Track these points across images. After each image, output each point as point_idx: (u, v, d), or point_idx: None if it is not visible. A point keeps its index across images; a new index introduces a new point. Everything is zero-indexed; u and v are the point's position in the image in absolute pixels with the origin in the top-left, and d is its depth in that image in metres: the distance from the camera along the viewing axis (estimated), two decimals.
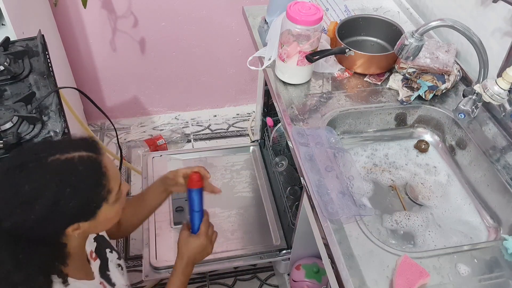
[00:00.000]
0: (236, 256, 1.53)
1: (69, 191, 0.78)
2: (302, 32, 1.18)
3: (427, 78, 1.24)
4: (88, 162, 0.82)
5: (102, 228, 0.97)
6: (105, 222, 0.90)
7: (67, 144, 0.84)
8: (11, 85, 1.30)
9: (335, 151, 1.10)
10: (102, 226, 0.94)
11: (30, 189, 0.76)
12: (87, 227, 0.86)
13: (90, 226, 0.86)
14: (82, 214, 0.83)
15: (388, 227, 1.09)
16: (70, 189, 0.78)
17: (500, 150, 1.13)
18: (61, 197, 0.77)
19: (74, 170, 0.80)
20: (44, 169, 0.78)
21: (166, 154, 1.87)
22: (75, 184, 0.79)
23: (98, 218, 0.85)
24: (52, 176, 0.78)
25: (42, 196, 0.76)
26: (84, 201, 0.81)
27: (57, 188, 0.77)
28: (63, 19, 1.99)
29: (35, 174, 0.78)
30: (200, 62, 2.29)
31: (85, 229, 0.85)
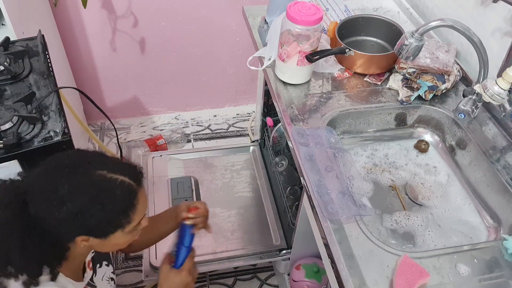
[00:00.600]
0: (236, 256, 1.53)
1: (96, 208, 0.82)
2: (302, 32, 1.18)
3: (427, 78, 1.24)
4: (126, 189, 0.85)
5: (107, 250, 0.99)
6: (113, 246, 0.92)
7: (118, 165, 0.88)
8: (11, 85, 1.30)
9: (335, 151, 1.10)
10: (108, 248, 0.96)
11: (67, 191, 0.81)
12: (95, 244, 0.88)
13: (98, 244, 0.89)
14: (96, 231, 0.85)
15: (388, 226, 1.09)
16: (98, 206, 0.82)
17: (500, 150, 1.13)
18: (87, 210, 0.81)
19: (111, 191, 0.83)
20: (88, 178, 0.83)
21: (166, 154, 1.87)
22: (106, 204, 0.82)
23: (108, 240, 0.88)
24: (89, 189, 0.82)
25: (72, 201, 0.81)
26: (105, 222, 0.84)
27: (88, 200, 0.81)
28: (63, 19, 1.99)
29: (78, 179, 0.82)
30: (200, 62, 2.29)
31: (92, 244, 0.88)
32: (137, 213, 0.88)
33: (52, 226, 0.82)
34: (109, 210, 0.83)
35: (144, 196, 0.91)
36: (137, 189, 0.88)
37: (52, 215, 0.81)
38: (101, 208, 0.82)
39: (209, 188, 1.76)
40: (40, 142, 1.14)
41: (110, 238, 0.88)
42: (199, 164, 1.85)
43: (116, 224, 0.86)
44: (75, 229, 0.83)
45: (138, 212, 0.88)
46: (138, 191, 0.88)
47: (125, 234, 0.89)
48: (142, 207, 0.89)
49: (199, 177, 1.79)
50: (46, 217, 0.82)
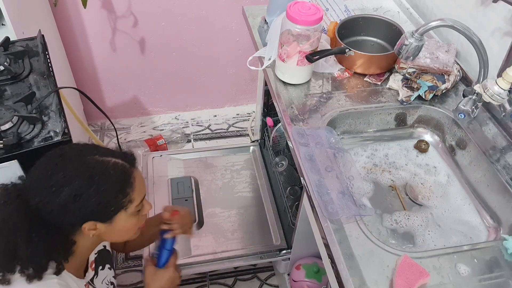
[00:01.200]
0: (236, 256, 1.53)
1: (93, 188, 0.84)
2: (302, 32, 1.18)
3: (427, 78, 1.24)
4: (119, 169, 0.88)
5: (117, 238, 0.99)
6: (120, 231, 0.94)
7: (110, 151, 0.92)
8: (11, 85, 1.30)
9: (335, 151, 1.10)
10: (117, 235, 0.96)
11: (62, 177, 0.84)
12: (103, 231, 0.90)
13: (106, 230, 0.90)
14: (99, 214, 0.87)
15: (388, 226, 1.09)
16: (95, 186, 0.84)
17: (500, 150, 1.13)
18: (85, 191, 0.84)
19: (105, 171, 0.86)
20: (80, 163, 0.86)
21: (166, 154, 1.87)
22: (101, 184, 0.85)
23: (114, 224, 0.90)
24: (84, 171, 0.85)
25: (69, 185, 0.83)
26: (105, 201, 0.86)
27: (84, 182, 0.84)
28: (63, 19, 1.99)
29: (71, 165, 0.85)
30: (200, 62, 2.29)
31: (100, 232, 0.90)
32: (136, 191, 0.90)
33: (55, 215, 0.84)
34: (106, 190, 0.85)
35: (140, 177, 0.93)
36: (131, 169, 0.91)
37: (53, 203, 0.83)
38: (97, 188, 0.84)
39: (209, 188, 1.76)
40: (40, 142, 1.14)
41: (116, 222, 0.89)
42: (199, 164, 1.85)
43: (117, 204, 0.88)
44: (78, 214, 0.85)
45: (137, 190, 0.90)
46: (132, 170, 0.90)
47: (129, 216, 0.91)
48: (140, 186, 0.91)
49: (199, 177, 1.79)
50: (47, 207, 0.84)
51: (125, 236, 1.00)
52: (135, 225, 0.95)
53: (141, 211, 0.95)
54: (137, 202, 0.91)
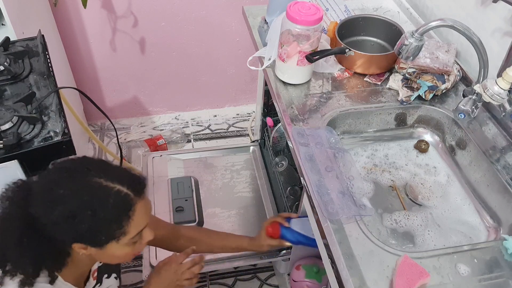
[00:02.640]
0: (236, 256, 1.52)
1: (88, 214, 0.81)
2: (302, 32, 1.18)
3: (427, 78, 1.24)
4: (120, 199, 0.84)
5: (108, 261, 0.98)
6: (111, 257, 0.91)
7: (118, 174, 0.87)
8: (11, 85, 1.30)
9: (335, 151, 1.10)
10: (108, 259, 0.95)
11: (61, 194, 0.81)
12: (94, 253, 0.88)
13: (97, 254, 0.88)
14: (90, 239, 0.85)
15: (388, 226, 1.09)
16: (90, 212, 0.81)
17: (500, 150, 1.13)
18: (78, 214, 0.81)
19: (104, 199, 0.82)
20: (83, 184, 0.83)
21: (166, 154, 1.87)
22: (96, 211, 0.81)
23: (105, 250, 0.87)
24: (84, 193, 0.82)
25: (65, 204, 0.81)
26: (96, 229, 0.83)
27: (80, 205, 0.81)
28: (63, 19, 1.99)
29: (74, 184, 0.83)
30: (200, 62, 2.29)
31: (91, 253, 0.88)
32: (132, 225, 0.86)
33: (47, 227, 0.83)
34: (100, 218, 0.82)
35: (144, 208, 0.88)
36: (135, 200, 0.86)
37: (46, 216, 0.82)
38: (92, 214, 0.81)
39: (209, 188, 1.76)
40: (40, 142, 1.14)
41: (107, 249, 0.86)
42: (199, 164, 1.85)
43: (108, 234, 0.84)
44: (68, 233, 0.83)
45: (134, 224, 0.86)
46: (135, 202, 0.86)
47: (121, 246, 0.87)
48: (139, 219, 0.87)
49: (199, 177, 1.79)
50: (42, 219, 0.82)
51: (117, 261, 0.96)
52: (127, 254, 0.91)
53: (138, 242, 0.91)
54: (131, 235, 0.87)
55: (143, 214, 0.88)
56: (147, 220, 0.91)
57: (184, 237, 1.25)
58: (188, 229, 1.32)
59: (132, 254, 0.93)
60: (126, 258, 0.94)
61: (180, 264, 1.11)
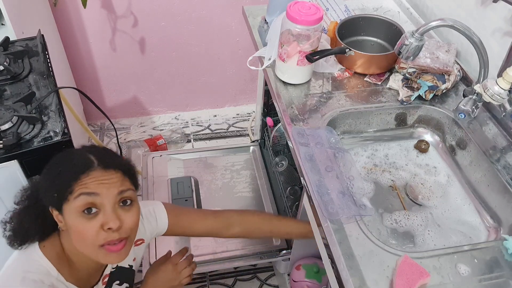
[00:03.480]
0: (236, 256, 1.53)
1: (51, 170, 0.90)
2: (302, 32, 1.18)
3: (427, 78, 1.23)
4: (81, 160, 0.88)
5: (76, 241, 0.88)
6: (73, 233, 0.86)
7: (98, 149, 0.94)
8: (11, 85, 1.30)
9: (335, 151, 1.10)
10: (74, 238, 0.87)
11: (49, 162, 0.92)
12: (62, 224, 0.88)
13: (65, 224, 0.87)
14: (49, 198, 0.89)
15: (388, 225, 1.09)
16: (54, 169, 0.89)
17: (500, 150, 1.13)
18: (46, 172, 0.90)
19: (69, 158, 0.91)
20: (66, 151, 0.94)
21: (166, 154, 1.87)
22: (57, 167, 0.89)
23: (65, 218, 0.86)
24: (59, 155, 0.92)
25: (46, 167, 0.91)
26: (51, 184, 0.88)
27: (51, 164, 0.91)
28: (63, 19, 1.99)
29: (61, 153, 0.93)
30: (200, 62, 2.29)
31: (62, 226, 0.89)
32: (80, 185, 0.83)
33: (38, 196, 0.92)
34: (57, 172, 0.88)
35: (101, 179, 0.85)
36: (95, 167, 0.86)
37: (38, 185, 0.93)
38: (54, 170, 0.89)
39: (209, 188, 1.76)
40: (40, 142, 1.14)
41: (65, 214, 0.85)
42: (199, 164, 1.84)
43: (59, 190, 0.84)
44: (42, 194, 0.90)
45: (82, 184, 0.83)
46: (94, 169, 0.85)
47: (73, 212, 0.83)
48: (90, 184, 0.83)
49: (199, 177, 1.79)
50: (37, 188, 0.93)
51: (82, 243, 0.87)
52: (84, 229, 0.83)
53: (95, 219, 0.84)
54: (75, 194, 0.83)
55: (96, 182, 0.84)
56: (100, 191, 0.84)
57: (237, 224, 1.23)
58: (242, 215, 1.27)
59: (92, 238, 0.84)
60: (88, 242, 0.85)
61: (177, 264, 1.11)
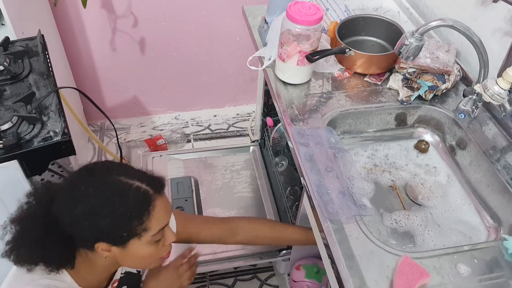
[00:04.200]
0: (236, 256, 1.53)
1: (108, 209, 0.82)
2: (302, 32, 1.18)
3: (427, 78, 1.23)
4: (140, 194, 0.85)
5: (133, 264, 0.97)
6: (135, 258, 0.90)
7: (138, 174, 0.89)
8: (11, 85, 1.30)
9: (335, 151, 1.10)
10: (132, 261, 0.93)
11: (82, 191, 0.83)
12: (117, 254, 0.87)
13: (120, 255, 0.88)
14: (111, 237, 0.84)
15: (388, 225, 1.09)
16: (110, 208, 0.82)
17: (500, 150, 1.13)
18: (99, 211, 0.82)
19: (124, 194, 0.83)
20: (103, 181, 0.85)
21: (166, 154, 1.87)
22: (117, 206, 0.82)
23: (128, 249, 0.87)
24: (103, 190, 0.83)
25: (86, 201, 0.83)
26: (117, 225, 0.83)
27: (101, 201, 0.82)
28: (63, 19, 1.99)
29: (94, 182, 0.85)
30: (200, 62, 2.29)
31: (115, 255, 0.87)
32: (153, 221, 0.86)
33: (69, 226, 0.84)
34: (120, 213, 0.82)
35: (164, 205, 0.89)
36: (154, 196, 0.87)
37: (68, 216, 0.83)
38: (112, 210, 0.82)
39: (209, 188, 1.76)
40: (40, 142, 1.14)
41: (129, 248, 0.86)
42: (199, 164, 1.84)
43: (130, 230, 0.84)
44: (90, 232, 0.83)
45: (155, 220, 0.86)
46: (155, 198, 0.87)
47: (144, 244, 0.87)
48: (160, 216, 0.87)
49: (199, 177, 1.79)
50: (65, 216, 0.83)
51: (142, 264, 0.96)
52: (152, 254, 0.91)
53: (161, 241, 0.91)
54: (153, 232, 0.87)
55: (163, 210, 0.89)
56: (168, 218, 0.91)
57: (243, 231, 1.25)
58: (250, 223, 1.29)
59: (157, 256, 0.93)
60: (151, 261, 0.93)
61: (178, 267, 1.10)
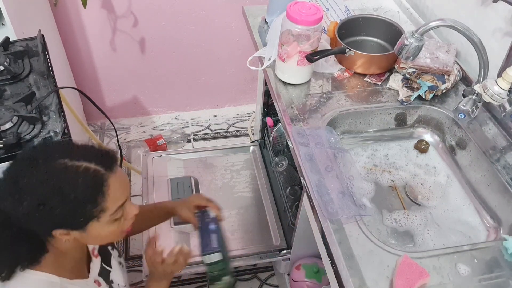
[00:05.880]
0: (236, 256, 1.53)
1: (58, 198, 0.77)
2: (302, 32, 1.18)
3: (427, 78, 1.24)
4: (90, 176, 0.79)
5: (96, 242, 0.95)
6: (98, 238, 0.88)
7: (84, 152, 0.82)
8: (11, 85, 1.30)
9: (335, 151, 1.10)
10: (96, 241, 0.91)
11: (26, 183, 0.77)
12: (78, 237, 0.84)
13: (81, 237, 0.84)
14: (69, 223, 0.81)
15: (388, 225, 1.09)
16: (60, 196, 0.77)
17: (500, 150, 1.13)
18: (49, 201, 0.77)
19: (73, 179, 0.78)
20: (47, 169, 0.78)
21: (166, 154, 1.87)
22: (67, 193, 0.77)
23: (88, 232, 0.83)
24: (49, 178, 0.77)
25: (32, 193, 0.77)
26: (71, 212, 0.79)
27: (49, 191, 0.77)
28: (63, 19, 1.99)
29: (37, 171, 0.78)
30: (200, 62, 2.29)
31: (76, 237, 0.84)
32: (109, 201, 0.81)
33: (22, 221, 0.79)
34: (72, 200, 0.77)
35: (117, 182, 0.83)
36: (106, 174, 0.81)
37: (17, 210, 0.78)
38: (63, 198, 0.77)
39: (209, 188, 1.76)
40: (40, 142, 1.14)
41: (89, 230, 0.83)
42: (199, 164, 1.85)
43: (86, 214, 0.80)
44: (44, 222, 0.79)
45: (111, 198, 0.81)
46: (107, 177, 0.81)
47: (104, 224, 0.83)
48: (115, 193, 0.83)
49: (199, 177, 1.79)
50: (13, 213, 0.79)
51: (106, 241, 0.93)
52: (115, 231, 0.87)
53: (123, 217, 0.87)
54: (111, 211, 0.83)
55: (119, 188, 0.84)
56: (125, 194, 0.86)
57: None
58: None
59: (120, 231, 0.89)
60: (115, 237, 0.90)
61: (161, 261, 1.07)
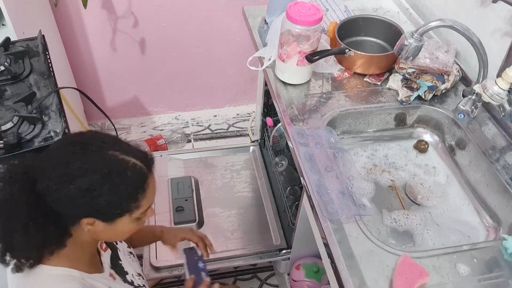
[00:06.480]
0: (236, 256, 1.53)
1: (107, 187, 0.80)
2: (302, 33, 1.18)
3: (426, 78, 1.24)
4: (137, 172, 0.84)
5: (112, 238, 0.99)
6: (118, 233, 0.91)
7: (131, 149, 0.87)
8: (12, 85, 1.30)
9: (335, 151, 1.10)
10: (113, 236, 0.95)
11: (78, 167, 0.80)
12: (100, 229, 0.86)
13: (102, 229, 0.87)
14: (105, 213, 0.84)
15: (388, 224, 1.09)
16: (110, 185, 0.80)
17: (500, 150, 1.13)
18: (98, 187, 0.80)
19: (123, 171, 0.82)
20: (100, 156, 0.82)
21: (166, 154, 1.87)
22: (117, 183, 0.81)
23: (115, 225, 0.86)
24: (102, 166, 0.81)
25: (83, 177, 0.79)
26: (114, 202, 0.83)
27: (100, 178, 0.80)
28: (63, 19, 1.99)
29: (91, 157, 0.81)
30: (200, 62, 2.29)
31: (97, 230, 0.86)
32: (146, 199, 0.87)
33: (60, 204, 0.81)
34: (120, 191, 0.81)
35: (153, 183, 0.90)
36: (148, 174, 0.87)
37: (61, 192, 0.79)
38: (112, 187, 0.80)
39: (209, 188, 1.76)
40: (41, 143, 1.14)
41: (117, 223, 0.86)
42: (199, 164, 1.85)
43: (125, 207, 0.85)
44: (83, 208, 0.81)
45: (147, 197, 0.87)
46: (148, 176, 0.87)
47: (131, 220, 0.88)
48: (151, 193, 0.89)
49: (199, 177, 1.79)
50: (54, 194, 0.80)
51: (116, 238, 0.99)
52: (132, 230, 0.92)
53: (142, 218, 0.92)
54: (143, 209, 0.88)
55: (153, 189, 0.90)
56: (154, 196, 0.92)
57: None
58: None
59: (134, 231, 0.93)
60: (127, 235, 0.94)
61: None
